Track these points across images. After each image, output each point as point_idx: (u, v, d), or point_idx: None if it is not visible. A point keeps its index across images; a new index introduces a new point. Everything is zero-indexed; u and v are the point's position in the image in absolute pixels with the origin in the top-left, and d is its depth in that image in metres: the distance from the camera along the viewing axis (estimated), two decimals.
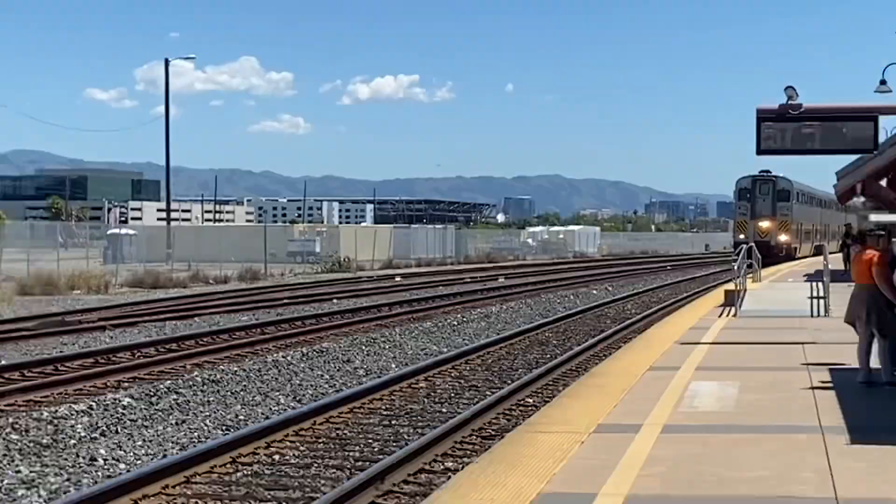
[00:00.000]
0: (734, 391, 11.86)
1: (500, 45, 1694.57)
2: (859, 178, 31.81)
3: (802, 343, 16.55)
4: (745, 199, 63.48)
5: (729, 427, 9.78)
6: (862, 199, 39.48)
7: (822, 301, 21.91)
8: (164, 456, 12.49)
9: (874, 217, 25.97)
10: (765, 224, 62.05)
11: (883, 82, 30.47)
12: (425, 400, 16.28)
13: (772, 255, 56.63)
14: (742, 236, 62.27)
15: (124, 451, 12.84)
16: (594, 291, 43.56)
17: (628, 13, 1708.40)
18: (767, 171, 63.66)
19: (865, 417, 10.24)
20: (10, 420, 13.99)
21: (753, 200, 62.73)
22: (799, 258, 62.42)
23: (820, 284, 22.55)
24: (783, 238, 61.75)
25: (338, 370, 19.83)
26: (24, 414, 14.52)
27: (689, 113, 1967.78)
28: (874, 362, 12.28)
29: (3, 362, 19.68)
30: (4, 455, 12.45)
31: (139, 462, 12.30)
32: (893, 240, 12.99)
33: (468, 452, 12.40)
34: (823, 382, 12.45)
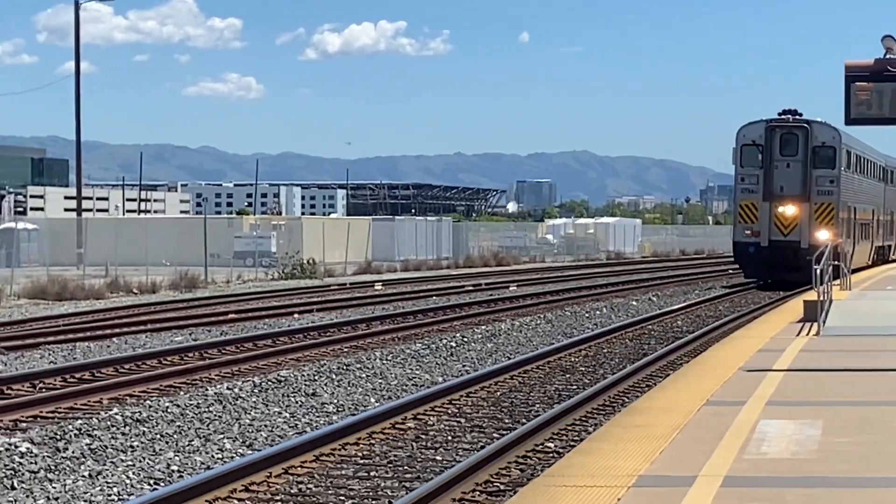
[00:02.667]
0: (816, 432, 11.86)
1: None
2: None
3: None
4: (752, 165, 48.81)
5: (809, 480, 9.78)
6: None
7: None
8: None
9: None
10: (789, 210, 48.46)
11: None
12: (414, 444, 16.28)
13: (803, 266, 40.72)
14: (748, 232, 48.99)
15: None
16: (634, 303, 43.60)
17: None
18: (793, 112, 49.41)
19: None
20: None
21: (769, 166, 48.53)
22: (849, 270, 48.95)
23: None
24: (823, 236, 42.15)
25: (300, 406, 19.81)
26: None
27: (759, 70, 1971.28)
28: None
29: None
30: None
31: None
32: None
33: None
34: None
